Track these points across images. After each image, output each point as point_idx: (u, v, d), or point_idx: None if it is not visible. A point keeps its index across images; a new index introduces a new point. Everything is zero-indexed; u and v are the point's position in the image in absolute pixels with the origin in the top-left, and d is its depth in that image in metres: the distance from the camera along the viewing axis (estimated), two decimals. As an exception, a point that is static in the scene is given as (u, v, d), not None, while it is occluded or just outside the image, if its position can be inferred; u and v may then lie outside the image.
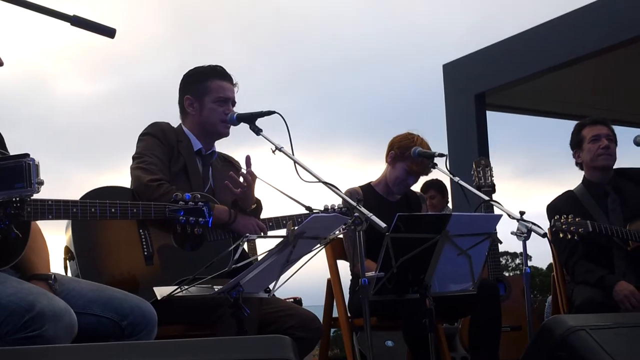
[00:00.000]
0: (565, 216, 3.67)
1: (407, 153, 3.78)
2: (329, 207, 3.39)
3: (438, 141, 7.04)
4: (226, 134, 3.27)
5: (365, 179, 4.05)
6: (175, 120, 3.32)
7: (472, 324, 3.65)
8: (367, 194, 3.87)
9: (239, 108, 3.20)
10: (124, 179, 3.12)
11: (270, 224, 3.23)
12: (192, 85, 3.27)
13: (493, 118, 7.33)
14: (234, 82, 3.30)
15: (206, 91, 3.23)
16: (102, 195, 2.84)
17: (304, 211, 3.14)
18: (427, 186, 6.02)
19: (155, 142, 3.14)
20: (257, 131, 3.03)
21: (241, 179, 3.07)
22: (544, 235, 3.20)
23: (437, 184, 6.04)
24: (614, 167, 4.04)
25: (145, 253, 2.94)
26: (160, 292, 2.43)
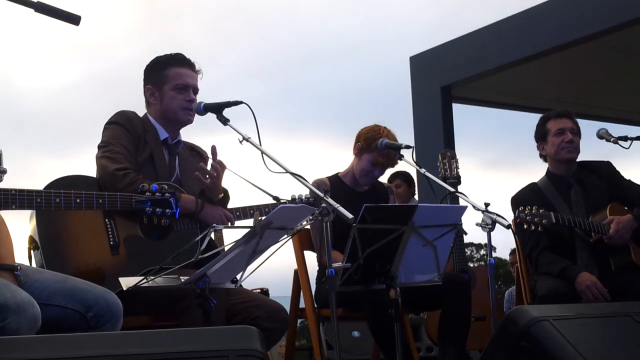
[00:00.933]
0: (529, 207, 3.71)
1: (373, 144, 3.80)
2: (297, 197, 3.39)
3: (405, 133, 7.07)
4: (189, 121, 3.25)
5: (333, 170, 4.06)
6: (142, 109, 3.30)
7: (442, 316, 3.68)
8: (334, 185, 3.87)
9: (209, 97, 3.18)
10: (89, 168, 3.09)
11: (238, 213, 3.23)
12: (152, 75, 3.26)
13: (461, 110, 7.39)
14: (197, 69, 3.27)
15: (165, 80, 3.21)
16: (67, 184, 2.81)
17: (271, 201, 3.14)
18: (394, 176, 6.05)
19: (121, 130, 3.11)
20: (224, 121, 3.02)
21: (209, 168, 3.06)
22: (508, 227, 3.24)
23: (403, 174, 6.08)
24: (578, 160, 4.09)
25: (111, 243, 2.91)
26: (126, 282, 2.41)
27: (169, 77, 3.21)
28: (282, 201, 3.18)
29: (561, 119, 4.08)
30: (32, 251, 2.88)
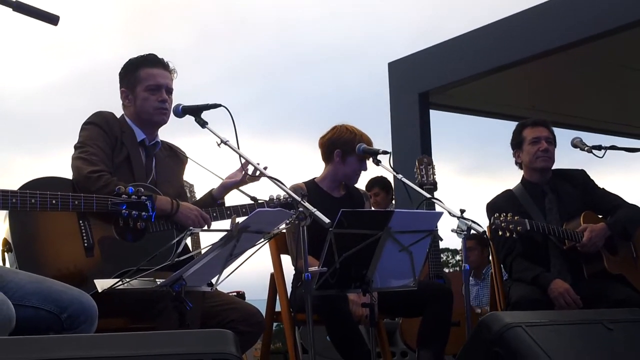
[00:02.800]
0: (504, 214, 3.74)
1: (352, 145, 3.83)
2: (274, 197, 3.39)
3: (383, 138, 7.10)
4: (163, 121, 3.24)
5: (312, 173, 4.07)
6: (122, 110, 3.29)
7: (423, 322, 3.71)
8: (311, 190, 3.88)
9: (190, 98, 3.17)
10: (67, 167, 3.07)
11: (215, 214, 3.21)
12: (125, 77, 3.24)
13: (441, 117, 7.42)
14: (170, 69, 3.26)
15: (137, 81, 3.20)
16: (42, 185, 2.79)
17: (248, 201, 3.14)
18: (371, 183, 6.07)
19: (98, 131, 3.09)
20: (203, 124, 3.02)
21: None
22: (483, 233, 3.27)
23: (381, 181, 6.09)
24: (553, 168, 4.14)
25: (86, 244, 2.89)
26: (101, 284, 2.40)
27: (141, 78, 3.20)
28: (259, 201, 3.18)
29: (537, 127, 4.12)
30: (5, 253, 2.84)
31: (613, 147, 3.99)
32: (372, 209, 4.37)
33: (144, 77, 3.19)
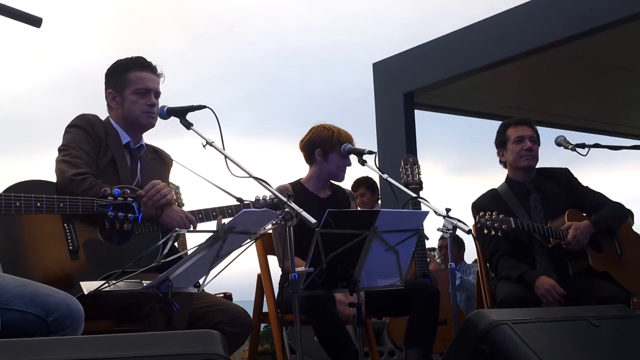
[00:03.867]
0: (489, 213, 3.76)
1: (332, 142, 3.84)
2: (260, 198, 3.39)
3: (368, 138, 7.11)
4: (151, 125, 3.23)
5: (298, 175, 4.08)
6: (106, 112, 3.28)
7: (410, 321, 3.72)
8: (296, 190, 3.88)
9: (180, 100, 3.17)
10: (53, 170, 3.06)
11: (200, 215, 3.21)
12: (113, 79, 3.23)
13: (428, 117, 7.45)
14: (158, 73, 3.25)
15: (126, 84, 3.18)
16: (25, 189, 2.77)
17: (234, 202, 3.13)
18: (357, 183, 6.09)
19: (82, 134, 3.08)
20: (188, 125, 3.02)
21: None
22: (468, 232, 3.28)
23: (367, 182, 6.11)
24: (537, 166, 4.16)
25: (70, 247, 2.88)
26: (87, 286, 2.39)
27: (130, 81, 3.18)
28: (245, 202, 3.18)
29: (520, 126, 4.14)
30: (-10, 258, 2.83)
31: (596, 145, 4.01)
32: (359, 209, 4.37)
33: (133, 80, 3.18)
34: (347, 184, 4.96)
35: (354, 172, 6.20)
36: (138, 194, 2.80)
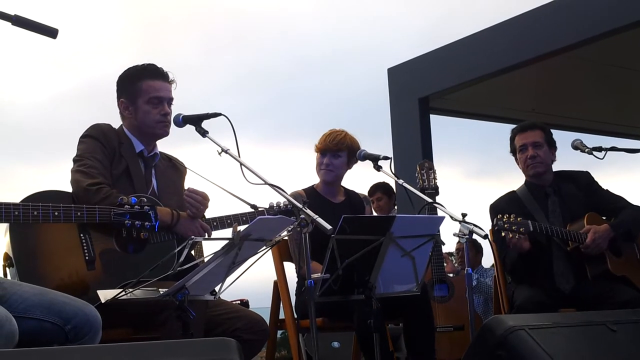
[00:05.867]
0: (507, 216, 3.74)
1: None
2: (274, 205, 3.39)
3: (384, 143, 7.11)
4: (165, 134, 3.24)
5: (315, 179, 4.11)
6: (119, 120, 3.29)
7: (405, 327, 3.71)
8: (310, 196, 3.89)
9: (197, 107, 3.17)
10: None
11: (215, 223, 3.21)
12: (125, 88, 3.23)
13: (446, 121, 7.44)
14: (170, 80, 3.24)
15: (138, 93, 3.18)
16: (42, 199, 2.78)
17: (249, 210, 3.14)
18: (374, 188, 6.10)
19: (96, 144, 3.09)
20: (203, 133, 3.03)
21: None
22: (485, 237, 3.27)
23: (383, 186, 6.11)
24: (557, 169, 4.14)
25: (87, 258, 2.89)
26: (104, 295, 2.40)
27: (143, 90, 3.18)
28: (259, 209, 3.18)
29: (524, 132, 4.12)
30: (7, 268, 2.84)
31: (613, 149, 3.99)
32: (374, 213, 4.38)
33: (146, 90, 3.18)
34: (363, 188, 4.98)
35: (370, 178, 6.22)
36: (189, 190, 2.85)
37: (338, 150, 3.98)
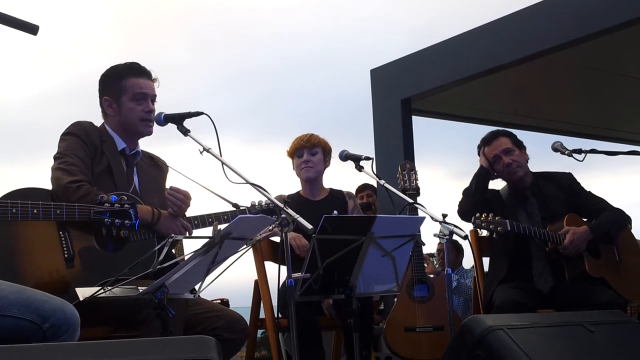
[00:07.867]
0: (485, 214, 3.77)
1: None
2: (256, 204, 3.40)
3: (366, 144, 7.12)
4: (148, 133, 3.24)
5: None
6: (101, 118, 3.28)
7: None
8: (293, 200, 3.92)
9: (183, 106, 3.17)
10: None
11: (196, 222, 3.21)
12: (109, 86, 3.23)
13: (430, 123, 7.46)
14: (153, 78, 3.25)
15: (122, 90, 3.18)
16: (21, 196, 2.76)
17: (230, 208, 3.14)
18: (364, 186, 6.14)
19: (77, 142, 3.08)
20: (185, 132, 3.02)
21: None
22: (465, 237, 3.28)
23: (372, 185, 6.14)
24: (538, 171, 4.17)
25: (66, 255, 2.87)
26: (83, 293, 2.39)
27: (127, 87, 3.18)
28: (241, 208, 3.18)
29: (490, 144, 4.15)
30: (-16, 266, 2.82)
31: (593, 151, 4.02)
32: (359, 208, 4.39)
33: (130, 87, 3.18)
34: (352, 186, 5.01)
35: (353, 179, 6.24)
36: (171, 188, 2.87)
37: (313, 147, 4.08)
